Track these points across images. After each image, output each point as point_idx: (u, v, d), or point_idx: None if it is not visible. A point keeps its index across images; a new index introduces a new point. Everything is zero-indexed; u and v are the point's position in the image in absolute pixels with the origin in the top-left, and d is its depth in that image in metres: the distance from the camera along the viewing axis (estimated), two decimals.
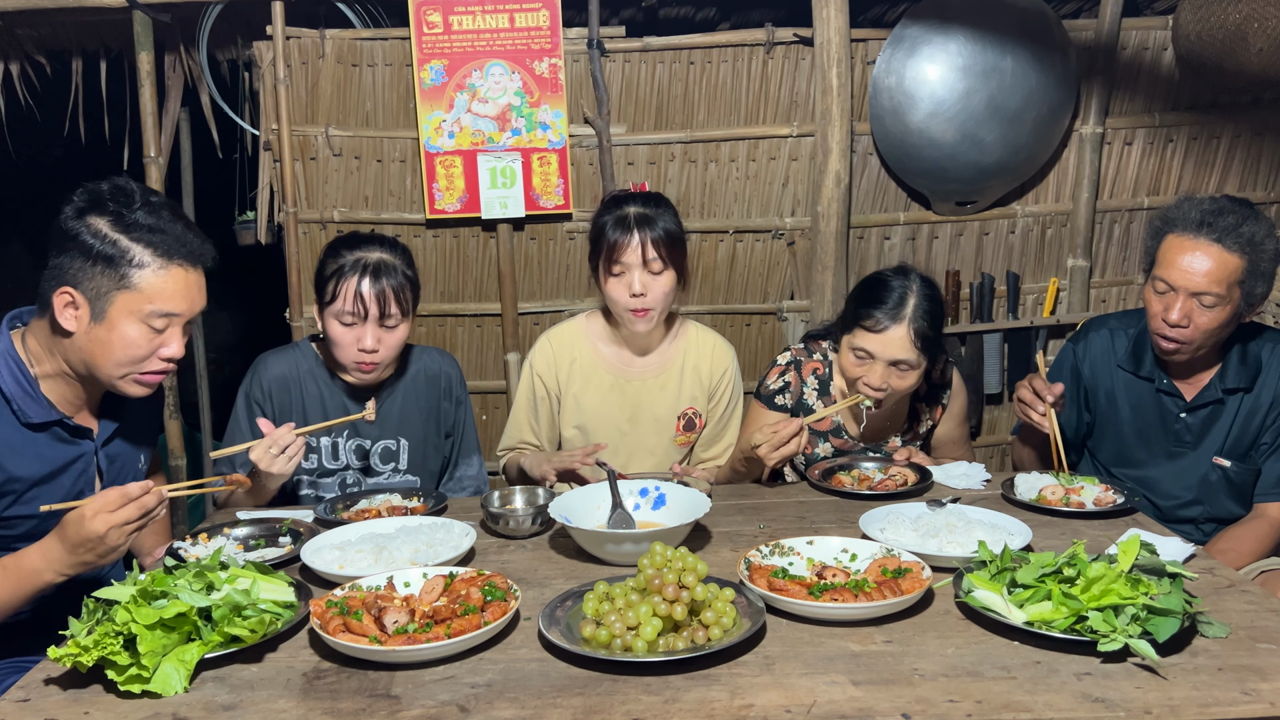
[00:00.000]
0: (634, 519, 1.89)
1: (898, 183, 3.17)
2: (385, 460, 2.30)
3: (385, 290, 2.12)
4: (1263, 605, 1.50)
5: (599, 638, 1.37)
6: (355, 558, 1.71)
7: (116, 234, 1.70)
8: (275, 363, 2.27)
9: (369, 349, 2.13)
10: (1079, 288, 3.23)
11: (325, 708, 1.27)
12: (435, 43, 2.96)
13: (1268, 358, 2.19)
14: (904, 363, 2.17)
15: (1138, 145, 3.19)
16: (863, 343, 2.18)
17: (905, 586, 1.49)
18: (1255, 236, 2.03)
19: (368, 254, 2.14)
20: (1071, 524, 1.90)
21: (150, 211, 1.73)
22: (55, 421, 1.80)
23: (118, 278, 1.70)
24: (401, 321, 2.17)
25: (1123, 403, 2.29)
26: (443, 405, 2.37)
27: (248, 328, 5.35)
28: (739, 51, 3.05)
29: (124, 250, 1.70)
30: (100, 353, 1.73)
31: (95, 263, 1.69)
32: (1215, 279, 2.02)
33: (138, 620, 1.32)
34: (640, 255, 2.24)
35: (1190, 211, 2.07)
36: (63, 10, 2.96)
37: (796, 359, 2.39)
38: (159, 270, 1.72)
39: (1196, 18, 2.90)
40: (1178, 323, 2.06)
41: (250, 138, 3.30)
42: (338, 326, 2.14)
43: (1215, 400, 2.19)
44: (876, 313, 2.17)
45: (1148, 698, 1.23)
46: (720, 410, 2.47)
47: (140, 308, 1.72)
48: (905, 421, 2.41)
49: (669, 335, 2.45)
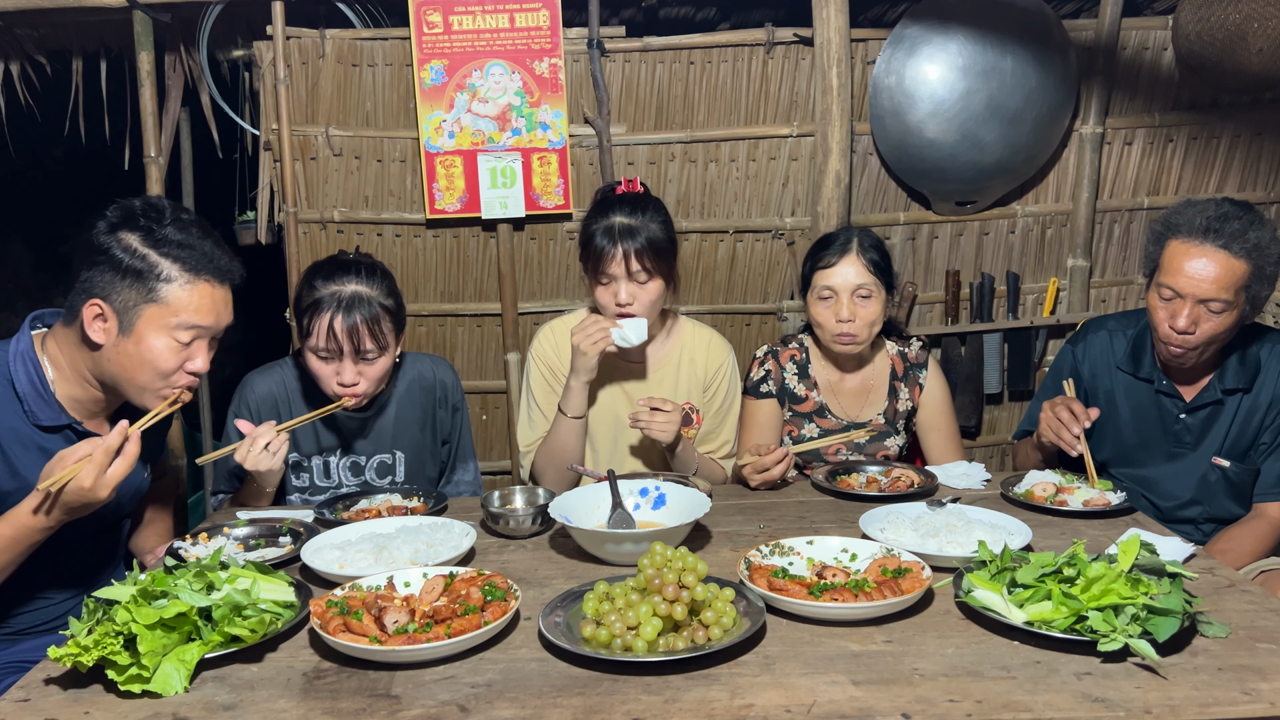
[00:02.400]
0: (634, 519, 1.90)
1: (898, 183, 3.17)
2: (382, 474, 2.29)
3: (357, 326, 2.07)
4: (1263, 605, 1.50)
5: (599, 637, 1.37)
6: (355, 558, 1.71)
7: (146, 249, 1.75)
8: (261, 382, 2.26)
9: (348, 383, 2.11)
10: (1079, 288, 3.23)
11: (325, 707, 1.27)
12: (435, 43, 2.96)
13: (1266, 357, 2.19)
14: (862, 288, 2.35)
15: (1138, 145, 3.19)
16: (825, 281, 2.37)
17: (905, 586, 1.49)
18: (1260, 241, 2.03)
19: (342, 287, 2.09)
20: (1071, 524, 1.90)
21: (180, 228, 1.78)
22: (66, 425, 1.82)
23: (146, 291, 1.74)
24: (380, 355, 2.12)
25: (1122, 404, 2.29)
26: (439, 414, 2.35)
27: (248, 327, 5.34)
28: (739, 51, 3.05)
29: (153, 265, 1.75)
30: (129, 365, 1.77)
31: (125, 276, 1.73)
32: (1223, 285, 2.01)
33: (138, 620, 1.32)
34: (625, 267, 2.25)
35: (1194, 217, 2.06)
36: (63, 10, 2.96)
37: (773, 349, 2.53)
38: (186, 285, 1.77)
39: (1196, 18, 2.90)
40: (1185, 329, 2.05)
41: (250, 137, 3.30)
42: (315, 360, 2.13)
43: (1214, 401, 2.19)
44: (828, 254, 2.39)
45: (1148, 697, 1.24)
46: (716, 405, 2.48)
47: (167, 321, 1.76)
48: (885, 399, 2.49)
49: (664, 331, 2.48)
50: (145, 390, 1.80)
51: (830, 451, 2.46)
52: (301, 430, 2.21)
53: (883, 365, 2.51)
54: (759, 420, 2.45)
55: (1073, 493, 2.01)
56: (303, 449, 2.24)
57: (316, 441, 2.25)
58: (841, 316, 2.34)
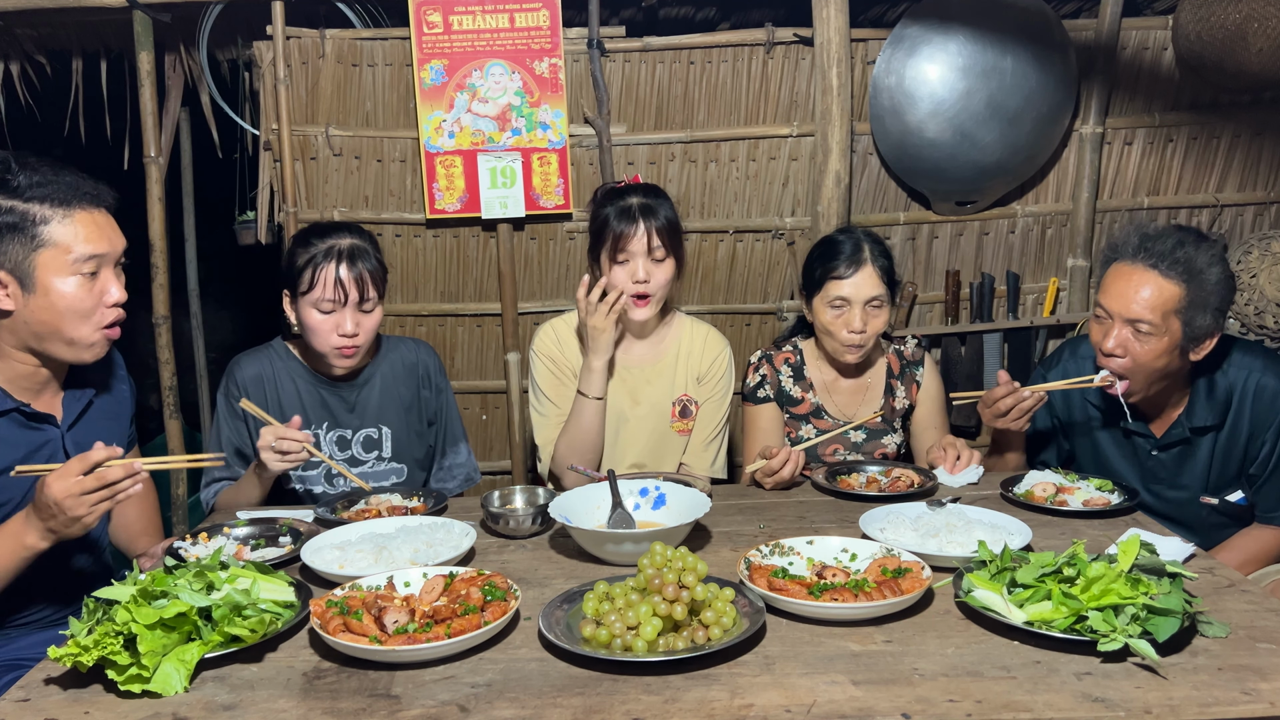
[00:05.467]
0: (634, 519, 1.90)
1: (898, 183, 3.17)
2: (368, 449, 2.32)
3: (362, 274, 2.17)
4: (1262, 605, 1.50)
5: (599, 637, 1.37)
6: (355, 558, 1.71)
7: (11, 201, 1.73)
8: (249, 363, 2.30)
9: (349, 333, 2.17)
10: (1079, 288, 3.23)
11: (325, 707, 1.28)
12: (435, 42, 2.96)
13: (1239, 391, 2.09)
14: (875, 299, 2.35)
15: (1138, 145, 3.19)
16: (837, 291, 2.35)
17: (905, 586, 1.49)
18: (1195, 263, 1.95)
19: (339, 240, 2.18)
20: (1071, 524, 1.90)
21: (32, 170, 1.76)
22: (12, 409, 1.83)
23: (30, 241, 1.73)
24: (377, 305, 2.22)
25: (1096, 437, 2.26)
26: (422, 394, 2.39)
27: (248, 327, 5.35)
28: (739, 51, 3.05)
29: (24, 213, 1.73)
30: (50, 319, 1.77)
31: (3, 237, 1.72)
32: (1149, 306, 1.96)
33: (138, 620, 1.32)
34: (645, 244, 2.32)
35: (1131, 238, 2.04)
36: (63, 10, 2.96)
37: (766, 353, 2.52)
38: (64, 219, 1.76)
39: (1196, 17, 2.90)
40: (1112, 351, 2.01)
41: (250, 137, 3.30)
42: (315, 315, 2.17)
43: (1184, 439, 2.13)
44: (840, 263, 2.36)
45: (1147, 697, 1.24)
46: (708, 394, 2.47)
47: (63, 261, 1.75)
48: (882, 397, 2.49)
49: (663, 325, 2.51)
50: (76, 342, 1.80)
51: (828, 452, 2.46)
52: (290, 409, 2.25)
53: (880, 364, 2.51)
54: (761, 425, 2.46)
55: (1073, 493, 2.01)
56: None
57: (304, 417, 2.26)
58: (854, 327, 2.34)
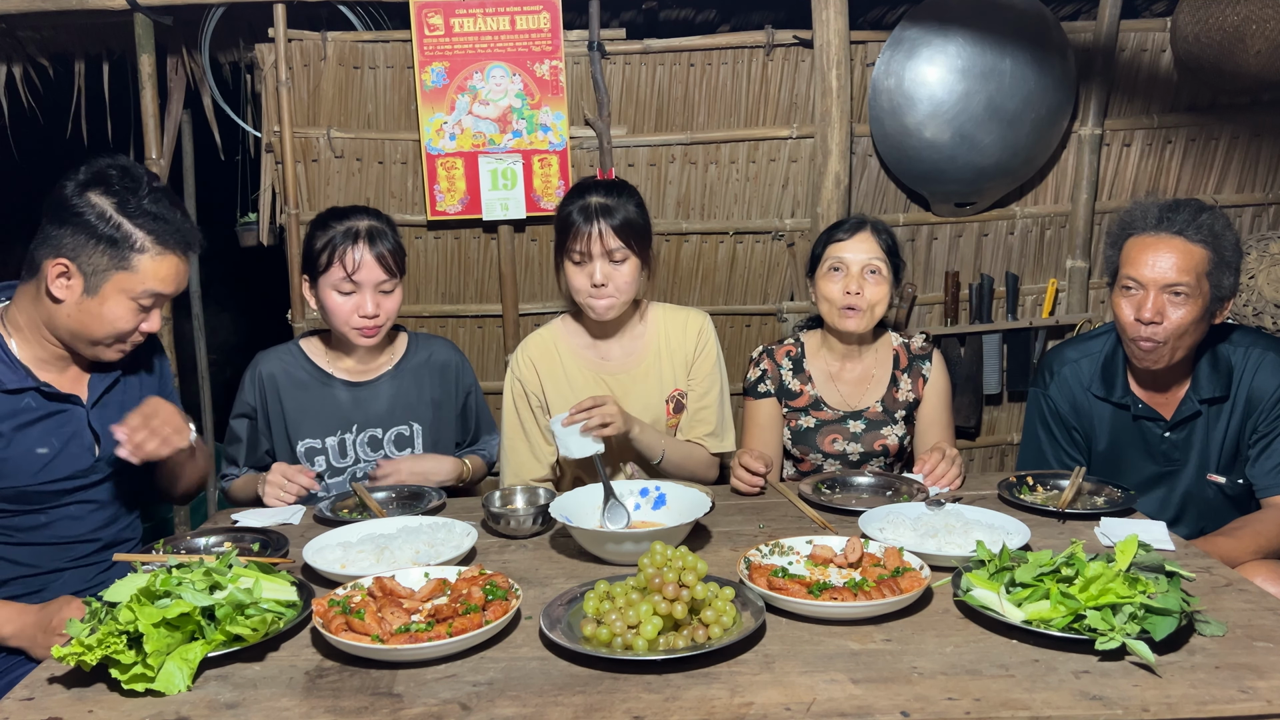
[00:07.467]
0: (628, 509, 1.91)
1: (897, 184, 3.18)
2: (400, 447, 2.34)
3: (383, 254, 2.20)
4: (1260, 604, 1.50)
5: (600, 636, 1.38)
6: (357, 557, 1.72)
7: (121, 217, 1.81)
8: (268, 361, 2.34)
9: (369, 314, 2.19)
10: (1078, 289, 3.24)
11: (328, 706, 1.28)
12: (436, 45, 2.97)
13: (1239, 362, 2.17)
14: (873, 266, 2.37)
15: (1136, 147, 3.20)
16: (837, 253, 2.39)
17: (904, 585, 1.50)
18: (1215, 227, 2.06)
19: (358, 222, 2.21)
20: (1070, 524, 1.90)
21: (154, 199, 1.84)
22: (33, 388, 1.88)
23: (118, 259, 1.81)
24: (397, 286, 2.24)
25: (1107, 432, 2.27)
26: (454, 393, 2.43)
27: (250, 329, 5.36)
28: (739, 53, 3.06)
29: (127, 235, 1.81)
30: (88, 322, 1.84)
31: (99, 242, 1.80)
32: (1184, 269, 2.03)
33: (141, 619, 1.33)
34: (602, 245, 2.25)
35: (1147, 212, 2.11)
36: (65, 13, 2.97)
37: (768, 348, 2.54)
38: (156, 256, 1.84)
39: (1195, 19, 2.91)
40: (1152, 319, 2.05)
41: (252, 140, 3.31)
42: (336, 296, 2.20)
43: (1194, 414, 2.17)
44: (841, 231, 2.42)
45: (1145, 695, 1.24)
46: (700, 376, 2.43)
47: (133, 288, 1.84)
48: (885, 388, 2.47)
49: (638, 321, 2.45)
50: (99, 345, 1.89)
51: (826, 442, 2.45)
52: (316, 412, 2.28)
53: (885, 354, 2.48)
54: (759, 421, 2.46)
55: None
56: (317, 431, 2.29)
57: (332, 422, 2.29)
58: (850, 289, 2.34)
